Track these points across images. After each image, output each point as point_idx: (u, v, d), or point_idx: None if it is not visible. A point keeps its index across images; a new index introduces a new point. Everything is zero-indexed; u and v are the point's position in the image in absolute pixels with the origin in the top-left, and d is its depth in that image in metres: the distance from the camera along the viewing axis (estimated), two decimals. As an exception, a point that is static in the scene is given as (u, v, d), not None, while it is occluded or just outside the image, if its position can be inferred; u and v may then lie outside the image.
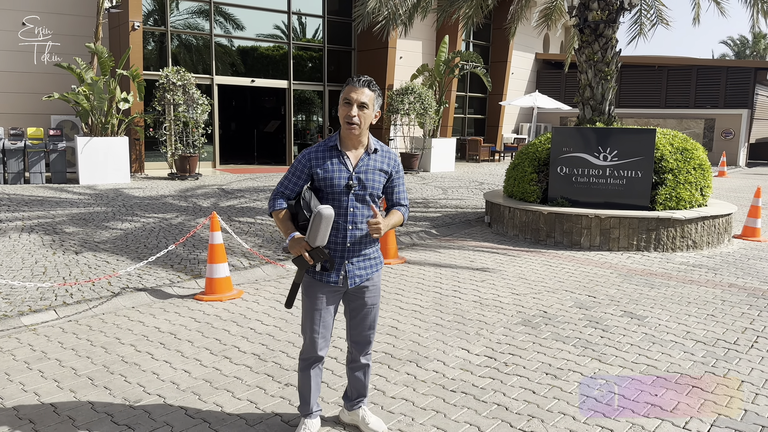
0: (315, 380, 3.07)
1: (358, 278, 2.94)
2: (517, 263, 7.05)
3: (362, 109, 2.79)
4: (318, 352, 3.00)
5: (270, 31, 18.22)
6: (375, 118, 2.89)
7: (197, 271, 6.31)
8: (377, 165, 2.91)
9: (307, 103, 19.92)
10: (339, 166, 2.84)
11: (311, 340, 2.98)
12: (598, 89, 9.03)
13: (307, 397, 3.08)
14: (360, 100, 2.77)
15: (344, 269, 2.90)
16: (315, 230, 2.69)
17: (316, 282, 2.92)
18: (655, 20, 11.20)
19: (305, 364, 3.05)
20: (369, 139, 2.92)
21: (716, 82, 23.86)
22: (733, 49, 57.27)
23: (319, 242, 2.72)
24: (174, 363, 4.06)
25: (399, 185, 3.02)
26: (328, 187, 2.83)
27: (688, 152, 8.22)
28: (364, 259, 2.95)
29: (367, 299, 3.01)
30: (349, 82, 2.82)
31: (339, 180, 2.82)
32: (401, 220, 3.01)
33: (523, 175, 8.63)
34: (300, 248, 2.75)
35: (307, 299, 2.96)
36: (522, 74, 25.70)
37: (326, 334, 2.99)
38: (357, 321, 3.06)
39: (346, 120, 2.79)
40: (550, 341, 4.56)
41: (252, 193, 12.14)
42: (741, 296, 5.83)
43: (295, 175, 2.90)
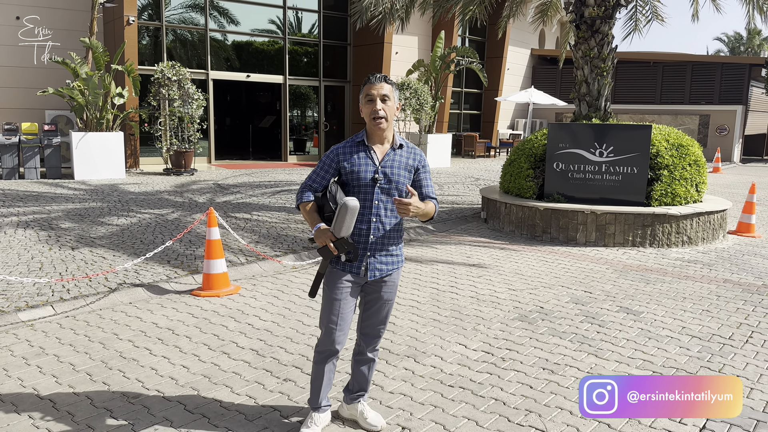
0: (328, 375, 3.09)
1: (378, 272, 2.98)
2: (513, 259, 7.07)
3: (385, 102, 2.86)
4: (335, 345, 3.01)
5: (265, 25, 18.17)
6: (397, 110, 2.96)
7: (194, 266, 6.31)
8: (403, 160, 2.96)
9: (302, 98, 19.89)
10: (366, 160, 2.91)
11: (328, 331, 2.99)
12: (594, 85, 9.05)
13: (318, 390, 3.10)
14: (381, 93, 2.85)
15: (366, 261, 2.95)
16: (341, 221, 2.74)
17: (338, 272, 2.96)
18: (650, 16, 11.22)
19: (321, 357, 3.06)
20: (394, 136, 2.99)
21: (711, 78, 23.95)
22: (727, 45, 57.39)
23: (344, 233, 2.77)
24: (172, 358, 4.06)
25: (426, 179, 3.04)
26: (355, 180, 2.90)
27: (684, 148, 8.25)
28: (387, 255, 3.00)
29: (384, 294, 3.04)
30: (366, 82, 2.91)
31: (365, 173, 2.89)
32: (433, 211, 2.99)
33: (520, 171, 8.65)
34: (325, 238, 2.80)
35: (327, 289, 3.00)
36: (518, 70, 25.72)
37: (344, 327, 3.00)
38: (370, 314, 3.09)
39: (372, 116, 2.86)
40: (547, 336, 4.59)
41: (248, 189, 12.12)
42: (736, 292, 5.87)
43: (323, 169, 2.96)
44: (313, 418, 3.12)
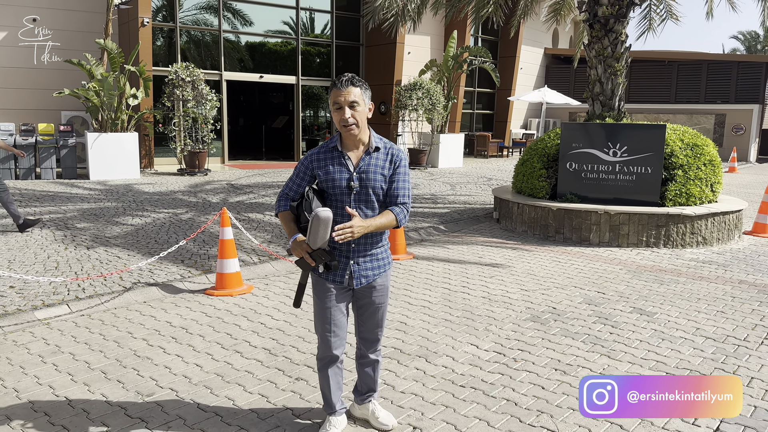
0: (334, 379, 3.07)
1: (364, 279, 2.93)
2: (526, 259, 7.05)
3: (354, 108, 2.77)
4: (333, 351, 2.99)
5: (278, 26, 18.25)
6: (369, 111, 2.87)
7: (207, 266, 6.36)
8: (379, 163, 2.88)
9: (315, 98, 19.96)
10: (340, 168, 2.84)
11: (324, 339, 2.98)
12: (607, 85, 9.00)
13: (329, 396, 3.09)
14: (349, 100, 2.75)
15: (349, 269, 2.89)
16: (314, 232, 2.68)
17: (323, 281, 2.93)
18: (665, 15, 11.13)
19: (322, 364, 3.05)
20: (370, 138, 2.89)
21: (727, 77, 23.69)
22: (743, 44, 56.75)
23: (319, 244, 2.71)
24: (186, 357, 4.10)
25: (399, 180, 2.90)
26: (330, 188, 2.84)
27: (699, 148, 8.18)
28: (371, 260, 2.94)
29: (375, 298, 3.00)
30: (332, 87, 2.79)
31: (340, 181, 2.82)
32: (392, 221, 2.83)
33: (532, 171, 8.62)
34: (301, 250, 2.75)
35: (316, 298, 2.98)
36: (531, 69, 25.60)
37: (339, 333, 2.98)
38: (364, 318, 3.07)
39: (342, 124, 2.78)
40: (559, 337, 4.57)
41: (260, 189, 12.18)
42: (751, 293, 5.81)
43: (298, 176, 2.91)
44: (330, 421, 3.11)
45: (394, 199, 2.90)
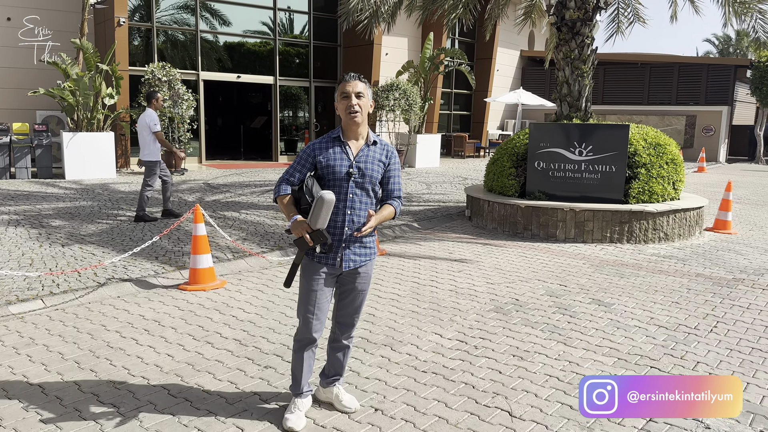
0: (308, 362, 3.24)
1: (352, 262, 3.13)
2: (494, 255, 7.27)
3: (359, 98, 3.03)
4: (312, 334, 3.15)
5: (256, 26, 18.32)
6: (371, 107, 3.13)
7: (182, 262, 6.46)
8: (376, 156, 3.13)
9: (293, 99, 20.05)
10: (341, 155, 3.07)
11: (305, 321, 3.14)
12: (575, 86, 9.27)
13: (299, 377, 3.25)
14: (356, 90, 3.03)
15: (341, 252, 3.10)
16: (317, 213, 2.89)
17: (314, 263, 3.11)
18: (632, 18, 11.45)
19: (299, 345, 3.21)
20: (368, 133, 3.16)
21: (697, 80, 24.26)
22: (716, 47, 57.94)
23: (320, 225, 2.92)
24: (158, 348, 4.22)
25: (395, 176, 3.20)
26: (330, 174, 3.05)
27: (661, 147, 8.47)
28: (361, 246, 3.15)
29: (358, 284, 3.20)
30: (341, 80, 3.09)
31: (340, 168, 3.05)
32: (392, 213, 3.15)
33: (502, 170, 8.85)
34: (302, 230, 2.94)
35: (303, 280, 3.15)
36: (507, 71, 25.95)
37: (320, 316, 3.15)
38: (345, 303, 3.24)
39: (348, 111, 3.03)
40: (520, 326, 4.78)
41: (237, 188, 12.27)
42: (706, 285, 6.09)
43: (299, 164, 3.12)
44: (296, 403, 3.27)
45: (392, 194, 3.20)
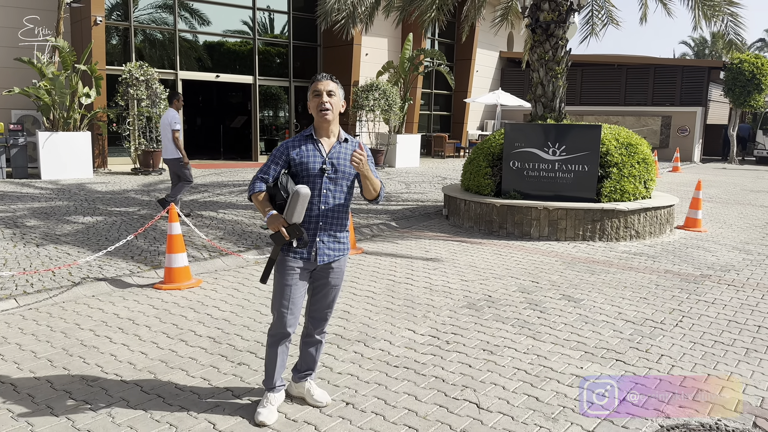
0: (281, 357, 3.30)
1: (326, 257, 3.21)
2: (469, 253, 7.37)
3: (331, 96, 3.12)
4: (286, 328, 3.22)
5: (235, 26, 18.27)
6: (342, 107, 3.22)
7: (157, 262, 6.47)
8: (348, 152, 3.21)
9: (273, 98, 20.03)
10: (314, 152, 3.15)
11: (280, 315, 3.20)
12: (549, 87, 9.42)
13: (272, 372, 3.30)
14: (327, 88, 3.12)
15: (315, 246, 3.18)
16: (292, 208, 2.98)
17: (288, 258, 3.18)
18: (606, 20, 11.65)
19: (273, 340, 3.28)
20: (340, 131, 3.25)
21: (673, 81, 24.67)
22: (692, 49, 58.90)
23: (295, 219, 3.01)
24: (131, 346, 4.25)
25: (371, 166, 3.24)
26: (304, 170, 3.13)
27: (633, 147, 8.65)
28: (334, 241, 3.23)
29: (331, 279, 3.27)
30: (313, 80, 3.18)
31: (314, 164, 3.13)
32: (379, 184, 3.22)
33: (479, 170, 8.97)
34: (278, 224, 3.02)
35: (278, 275, 3.21)
36: (486, 72, 26.16)
37: (295, 311, 3.21)
38: (318, 298, 3.32)
39: (319, 108, 3.11)
40: (491, 322, 4.87)
41: (215, 188, 12.25)
42: (674, 281, 6.24)
43: (273, 161, 3.20)
44: (268, 397, 3.33)
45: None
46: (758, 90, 22.56)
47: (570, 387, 3.73)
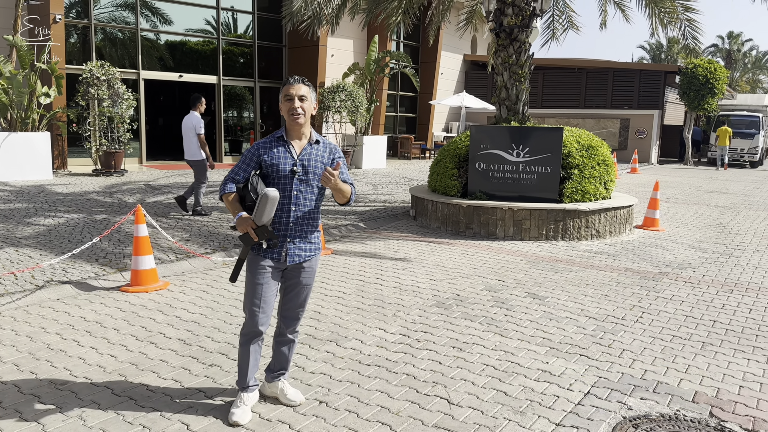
0: (254, 356, 3.32)
1: (297, 257, 3.25)
2: (437, 253, 7.48)
3: (303, 101, 3.15)
4: (258, 327, 3.24)
5: (199, 25, 18.05)
6: (314, 109, 3.26)
7: (123, 264, 6.39)
8: (319, 153, 3.25)
9: (237, 99, 19.84)
10: (285, 154, 3.18)
11: (251, 314, 3.23)
12: (513, 90, 9.61)
13: (245, 371, 3.32)
14: (299, 93, 3.14)
15: (286, 247, 3.22)
16: (261, 210, 3.01)
17: (259, 257, 3.21)
18: (566, 25, 11.95)
19: (245, 339, 3.30)
20: (311, 132, 3.28)
21: (631, 84, 25.36)
22: (649, 53, 60.66)
23: (264, 221, 3.04)
24: (100, 349, 4.20)
25: (342, 167, 3.27)
26: (275, 172, 3.16)
27: (593, 149, 8.90)
28: (305, 242, 3.27)
29: (302, 279, 3.32)
30: (285, 83, 3.21)
31: (284, 166, 3.16)
32: (350, 190, 3.26)
33: (445, 171, 9.10)
34: (247, 226, 3.05)
35: (249, 274, 3.24)
36: (451, 74, 26.44)
37: (267, 310, 3.24)
38: (289, 297, 3.35)
39: (290, 113, 3.14)
40: (460, 320, 4.98)
41: (180, 189, 12.10)
42: (634, 279, 6.46)
43: (244, 162, 3.23)
44: (242, 397, 3.34)
45: (344, 181, 3.27)
46: (711, 94, 23.39)
47: (537, 381, 3.85)
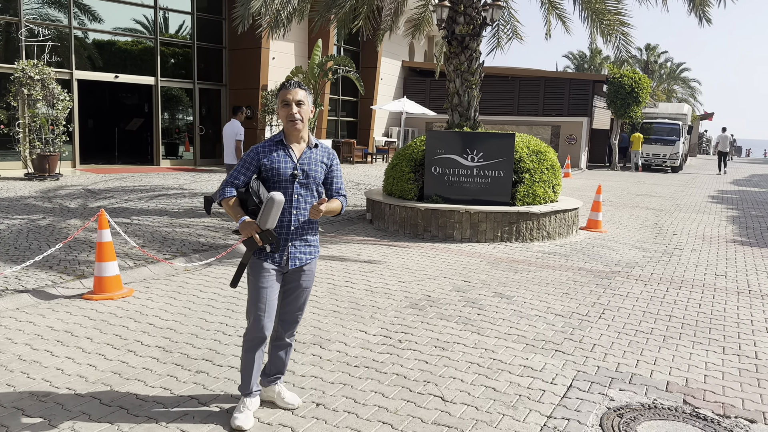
0: (258, 362, 3.28)
1: (298, 260, 3.25)
2: (400, 255, 7.58)
3: (300, 106, 3.16)
4: (264, 332, 3.20)
5: (135, 25, 17.47)
6: (311, 113, 3.27)
7: (80, 271, 6.13)
8: (318, 158, 3.27)
9: (176, 101, 19.30)
10: (285, 158, 3.18)
11: (256, 319, 3.19)
12: (464, 97, 9.87)
13: (249, 377, 3.28)
14: (296, 98, 3.15)
15: (287, 251, 3.21)
16: (266, 214, 2.98)
17: (261, 262, 3.19)
18: (511, 35, 12.38)
19: (250, 344, 3.24)
20: (309, 136, 3.29)
21: (561, 93, 26.43)
22: (573, 62, 63.39)
23: (269, 225, 3.03)
24: (77, 359, 4.04)
25: (337, 176, 3.35)
26: (275, 176, 3.15)
27: (542, 154, 9.27)
28: (306, 245, 3.28)
29: (302, 282, 3.32)
30: (281, 88, 3.20)
31: (285, 170, 3.16)
32: (339, 207, 3.30)
33: (402, 175, 9.23)
34: (251, 230, 3.03)
35: (252, 278, 3.21)
36: (390, 80, 26.72)
37: (271, 314, 3.22)
38: (289, 300, 3.35)
39: (288, 119, 3.16)
40: (436, 320, 5.09)
41: (122, 194, 11.67)
42: (589, 277, 6.79)
43: (244, 167, 3.19)
44: (245, 402, 3.30)
45: (337, 192, 3.36)
46: (636, 102, 24.74)
47: (521, 377, 4.01)
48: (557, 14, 11.59)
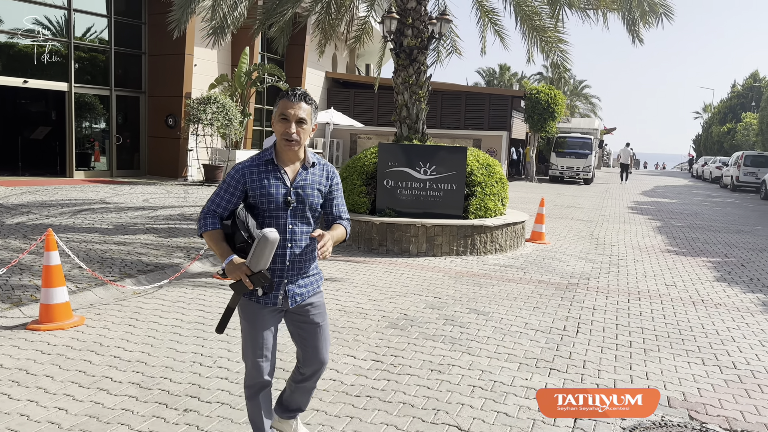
0: (265, 406, 2.88)
1: (299, 297, 2.80)
2: (359, 271, 7.36)
3: (301, 125, 2.66)
4: (264, 377, 2.80)
5: (46, 27, 16.19)
6: (312, 131, 2.78)
7: (16, 298, 5.47)
8: (315, 179, 2.78)
9: (90, 108, 18.05)
10: (276, 182, 2.69)
11: (254, 366, 2.78)
12: (413, 109, 9.83)
13: (260, 424, 2.88)
14: (298, 115, 2.65)
15: (284, 289, 2.76)
16: (259, 254, 2.50)
17: (254, 303, 2.74)
18: (450, 50, 12.53)
19: (251, 392, 2.84)
20: (306, 153, 2.79)
21: (481, 108, 27.19)
22: (484, 78, 65.64)
23: (261, 266, 2.53)
24: (41, 401, 3.53)
25: (338, 198, 2.90)
26: (266, 204, 2.67)
27: (491, 168, 9.37)
28: (305, 277, 2.83)
29: (314, 317, 2.88)
30: (283, 96, 2.69)
31: (276, 196, 2.67)
32: (344, 234, 2.85)
33: (353, 188, 9.02)
34: (240, 273, 2.54)
35: (245, 323, 2.77)
36: (315, 91, 26.42)
37: (271, 357, 2.81)
38: (305, 344, 2.92)
39: (284, 137, 2.66)
40: (422, 340, 4.92)
41: (40, 209, 10.70)
42: (551, 290, 6.86)
43: (228, 192, 2.70)
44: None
45: (338, 217, 2.89)
46: (552, 117, 25.85)
47: (528, 399, 3.91)
48: (495, 30, 11.84)
